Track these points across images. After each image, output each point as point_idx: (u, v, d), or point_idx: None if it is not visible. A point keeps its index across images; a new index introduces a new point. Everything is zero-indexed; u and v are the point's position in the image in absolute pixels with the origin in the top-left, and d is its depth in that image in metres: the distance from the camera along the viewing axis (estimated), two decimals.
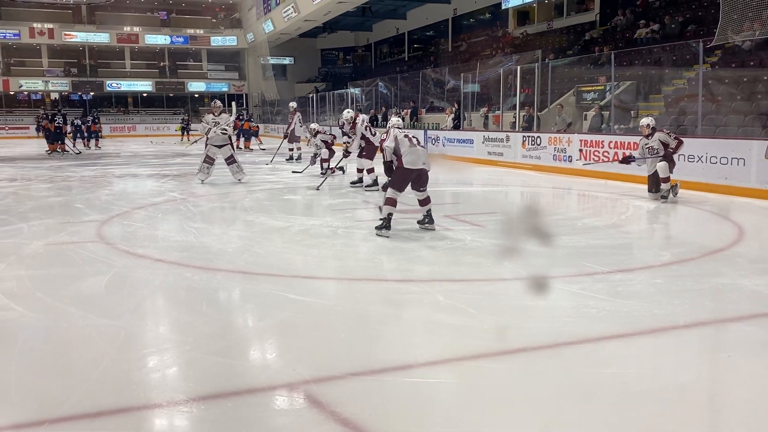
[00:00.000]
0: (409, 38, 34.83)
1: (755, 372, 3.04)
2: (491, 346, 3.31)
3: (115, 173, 13.33)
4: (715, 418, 2.62)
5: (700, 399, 2.77)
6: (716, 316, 3.80)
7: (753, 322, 3.71)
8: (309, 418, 2.53)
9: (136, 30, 38.85)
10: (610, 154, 11.27)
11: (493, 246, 5.71)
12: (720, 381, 2.95)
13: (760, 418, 2.58)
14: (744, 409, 2.66)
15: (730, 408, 2.69)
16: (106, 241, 5.89)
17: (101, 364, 3.04)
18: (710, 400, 2.78)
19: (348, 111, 10.53)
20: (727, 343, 3.40)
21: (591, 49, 17.55)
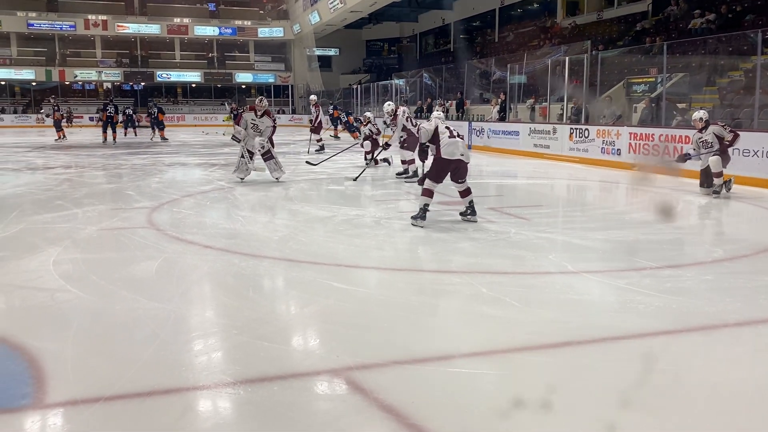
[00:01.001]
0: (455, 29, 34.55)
1: None
2: (535, 339, 3.28)
3: (165, 162, 13.65)
4: (760, 415, 2.54)
5: (752, 397, 2.70)
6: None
7: None
8: (352, 404, 2.56)
9: (185, 21, 39.62)
10: (660, 147, 10.99)
11: (538, 239, 5.65)
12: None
13: None
14: None
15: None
16: (156, 228, 6.06)
17: (152, 346, 3.14)
18: (763, 398, 2.70)
19: (389, 103, 10.58)
20: None
21: (642, 40, 17.12)
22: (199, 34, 40.16)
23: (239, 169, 9.35)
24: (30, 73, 38.01)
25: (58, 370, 2.85)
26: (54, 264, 4.66)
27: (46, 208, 7.24)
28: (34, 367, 2.90)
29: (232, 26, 40.25)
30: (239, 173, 9.37)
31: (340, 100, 31.86)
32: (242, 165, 9.31)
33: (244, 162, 9.30)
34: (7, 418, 2.46)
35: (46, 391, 2.66)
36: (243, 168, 9.32)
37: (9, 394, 2.64)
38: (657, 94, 13.32)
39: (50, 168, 12.19)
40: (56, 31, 38.12)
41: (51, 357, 2.98)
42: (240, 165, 9.32)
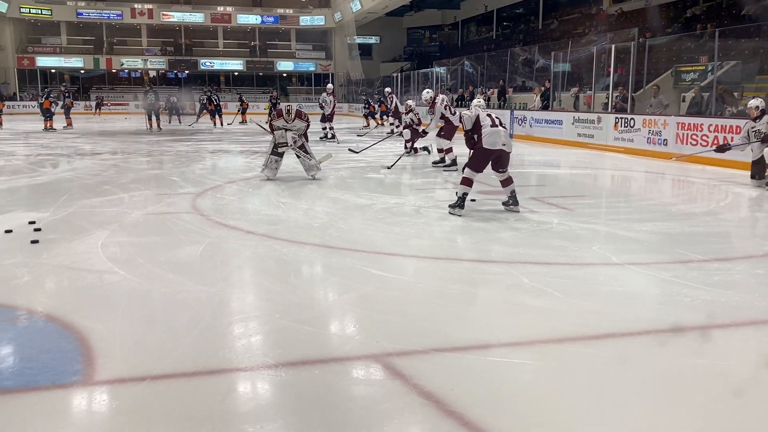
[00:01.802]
0: (498, 16, 34.12)
1: None
2: (577, 330, 3.23)
3: (208, 149, 13.87)
4: None
5: None
6: None
7: None
8: (392, 389, 2.57)
9: (228, 10, 40.06)
10: (709, 138, 10.67)
11: (581, 230, 5.56)
12: None
13: None
14: None
15: None
16: (200, 213, 6.17)
17: (196, 328, 3.20)
18: None
19: (427, 91, 10.55)
20: None
21: (693, 27, 16.62)
22: (242, 23, 40.56)
23: (268, 167, 8.46)
24: (79, 61, 39.00)
25: (106, 349, 2.93)
26: (102, 246, 4.79)
27: (94, 192, 7.44)
28: (84, 345, 2.99)
29: (274, 14, 40.52)
30: (268, 171, 8.46)
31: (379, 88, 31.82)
32: (271, 163, 8.45)
33: (274, 160, 8.44)
34: (59, 393, 2.55)
35: (95, 368, 2.74)
36: (272, 166, 8.46)
37: (60, 370, 2.73)
38: (707, 83, 12.92)
39: (97, 154, 12.51)
40: (104, 20, 39.01)
41: (99, 336, 3.07)
42: (269, 163, 8.46)
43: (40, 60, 38.40)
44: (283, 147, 8.32)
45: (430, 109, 10.15)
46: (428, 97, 10.24)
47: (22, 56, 37.88)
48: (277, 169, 8.48)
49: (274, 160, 8.44)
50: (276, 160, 8.43)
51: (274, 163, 8.43)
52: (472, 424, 2.28)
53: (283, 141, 8.24)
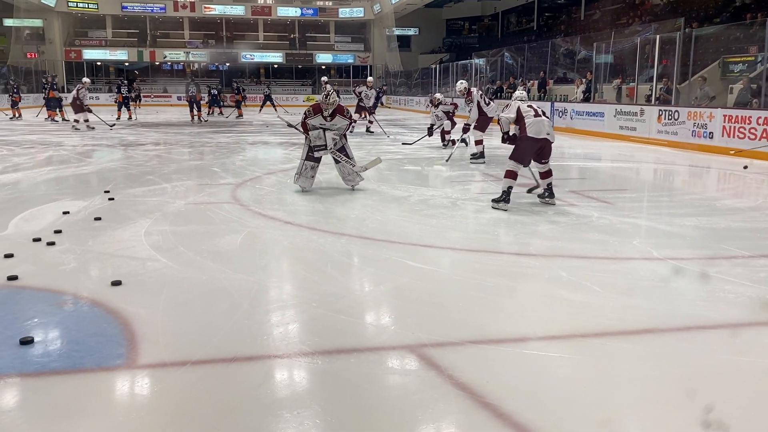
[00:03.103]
0: (539, 7, 33.60)
1: None
2: (616, 325, 3.19)
3: (248, 140, 14.05)
4: None
5: None
6: None
7: None
8: (427, 379, 2.58)
9: (269, 2, 40.39)
10: (757, 131, 10.35)
11: (622, 224, 5.47)
12: None
13: None
14: None
15: None
16: (240, 203, 6.26)
17: (235, 315, 3.26)
18: None
19: (461, 82, 10.43)
20: None
21: (742, 16, 16.09)
22: (282, 15, 40.85)
23: (302, 176, 6.92)
24: (123, 54, 39.86)
25: (148, 334, 3.02)
26: (145, 235, 4.92)
27: (138, 182, 7.63)
28: (127, 330, 3.07)
29: (314, 7, 40.70)
30: (302, 181, 6.93)
31: (418, 80, 31.71)
32: (306, 171, 6.92)
33: (309, 167, 6.92)
34: (103, 375, 2.63)
35: (138, 352, 2.82)
36: (308, 174, 6.93)
37: (105, 354, 2.81)
38: (757, 74, 12.51)
39: (141, 145, 12.79)
40: (147, 13, 39.77)
41: (142, 321, 3.16)
42: (303, 170, 6.91)
43: (87, 53, 39.37)
44: (321, 150, 6.85)
45: (467, 99, 10.05)
46: (462, 88, 10.15)
47: (69, 49, 38.90)
48: (314, 177, 7.01)
49: (310, 167, 6.92)
50: (312, 166, 6.94)
51: (309, 170, 6.93)
52: (506, 416, 2.28)
53: (320, 143, 6.80)
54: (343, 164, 7.02)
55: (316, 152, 6.85)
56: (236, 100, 23.68)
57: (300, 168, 6.98)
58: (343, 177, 7.13)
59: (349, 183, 7.15)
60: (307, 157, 6.92)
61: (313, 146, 6.82)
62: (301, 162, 7.01)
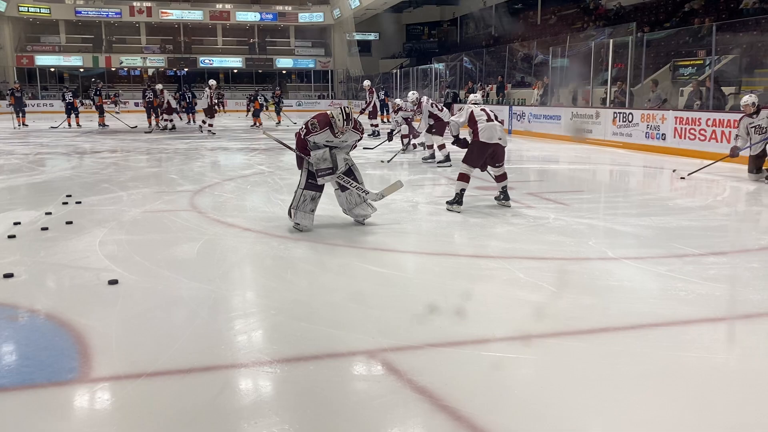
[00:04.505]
0: (497, 11, 34.00)
1: None
2: (572, 325, 3.25)
3: (207, 146, 13.87)
4: None
5: None
6: None
7: None
8: (387, 385, 2.58)
9: (227, 7, 40.00)
10: (707, 132, 10.68)
11: (578, 225, 5.57)
12: None
13: None
14: None
15: None
16: (198, 210, 6.18)
17: (192, 325, 3.22)
18: None
19: (413, 93, 10.83)
20: None
21: (690, 21, 16.59)
22: (241, 20, 40.49)
23: (300, 210, 5.22)
24: (78, 60, 38.93)
25: (102, 346, 2.95)
26: (100, 244, 4.81)
27: (93, 190, 7.46)
28: (81, 342, 3.00)
29: (273, 11, 40.45)
30: (301, 217, 5.23)
31: (379, 85, 31.77)
32: (304, 203, 5.22)
33: (309, 198, 5.23)
34: (55, 391, 2.56)
35: (91, 366, 2.76)
36: (307, 208, 5.24)
37: (57, 368, 2.74)
38: (705, 77, 12.91)
39: (97, 152, 12.52)
40: (103, 18, 38.95)
41: (96, 334, 3.09)
42: (301, 203, 5.21)
43: (39, 59, 38.31)
44: (327, 176, 5.20)
45: (418, 110, 10.33)
46: (414, 98, 10.49)
47: (21, 55, 37.82)
48: (314, 211, 5.30)
49: (310, 198, 5.22)
50: (313, 197, 5.24)
51: (309, 202, 5.23)
52: (464, 419, 2.30)
53: (325, 166, 5.17)
54: (350, 191, 5.36)
55: (320, 178, 5.18)
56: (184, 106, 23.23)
57: (297, 200, 5.22)
58: (349, 208, 5.44)
59: (357, 216, 5.48)
60: (307, 185, 5.21)
61: (317, 170, 5.17)
62: (298, 193, 5.23)
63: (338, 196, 5.47)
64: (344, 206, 5.48)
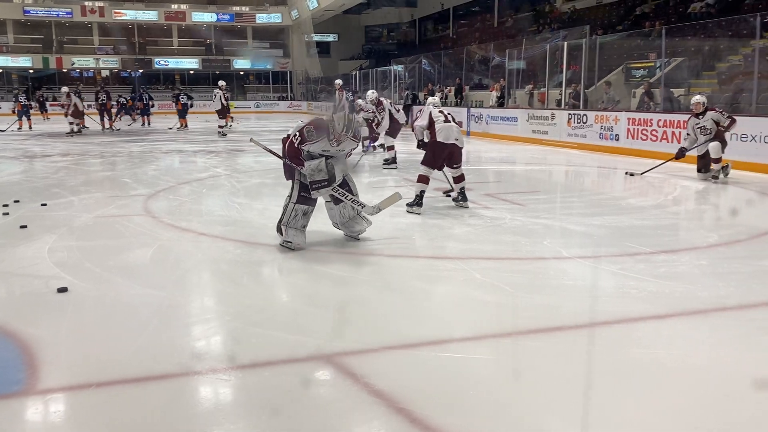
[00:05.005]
0: (455, 14, 34.35)
1: None
2: (527, 324, 3.29)
3: (162, 149, 13.63)
4: (751, 400, 2.55)
5: (742, 381, 2.71)
6: (762, 299, 3.69)
7: None
8: (343, 389, 2.57)
9: (183, 8, 39.37)
10: (658, 133, 10.97)
11: (534, 225, 5.65)
12: (760, 363, 2.87)
13: None
14: None
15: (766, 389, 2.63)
16: (152, 215, 6.06)
17: (145, 332, 3.15)
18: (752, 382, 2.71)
19: (372, 92, 10.77)
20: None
21: (642, 25, 17.03)
22: (197, 21, 39.89)
23: (290, 227, 4.72)
24: (27, 61, 37.76)
25: (51, 357, 2.86)
26: (49, 251, 4.67)
27: (43, 195, 7.23)
28: (27, 353, 2.91)
29: (230, 12, 39.98)
30: (293, 234, 4.71)
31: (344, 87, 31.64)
32: (295, 219, 4.72)
33: (300, 213, 4.73)
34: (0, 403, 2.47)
35: (38, 377, 2.67)
36: (298, 224, 4.74)
37: (1, 380, 2.65)
38: (656, 79, 13.27)
39: (47, 156, 12.17)
40: (53, 18, 37.87)
41: (44, 343, 3.00)
42: (291, 218, 4.71)
43: None
44: (322, 188, 4.67)
45: (380, 108, 10.31)
46: (373, 98, 10.45)
47: None
48: (305, 227, 4.80)
49: (302, 213, 4.73)
50: (305, 212, 4.75)
51: (300, 218, 4.73)
52: (420, 421, 2.30)
53: (320, 178, 4.64)
54: (344, 204, 4.88)
55: (314, 191, 4.67)
56: (140, 107, 22.78)
57: (288, 215, 4.70)
58: (342, 222, 4.97)
59: (352, 231, 5.01)
60: (299, 198, 4.71)
61: (311, 183, 4.64)
62: (289, 207, 4.71)
63: (330, 209, 4.96)
64: (336, 220, 4.99)
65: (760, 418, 2.38)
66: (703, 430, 2.30)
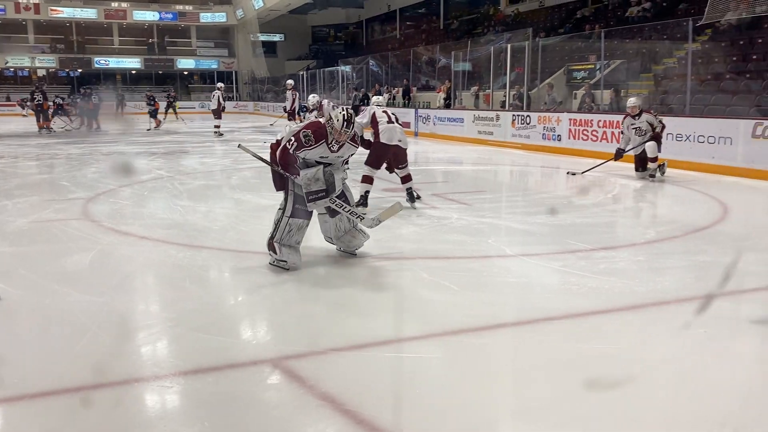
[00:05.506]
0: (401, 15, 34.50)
1: (729, 346, 3.10)
2: (472, 322, 3.33)
3: (103, 151, 13.23)
4: (688, 390, 2.65)
5: (677, 372, 2.81)
6: (696, 293, 3.84)
7: (731, 298, 3.76)
8: (288, 393, 2.55)
9: (123, 6, 38.30)
10: (598, 133, 11.29)
11: (479, 224, 5.73)
12: (695, 355, 2.99)
13: (730, 389, 2.63)
14: (715, 380, 2.71)
15: (703, 380, 2.73)
16: (91, 219, 5.87)
17: (83, 341, 3.04)
18: (686, 374, 2.81)
19: (313, 95, 10.84)
20: (705, 319, 3.43)
21: (582, 28, 17.48)
22: (138, 19, 38.86)
23: (283, 245, 4.23)
24: None
25: None
26: None
27: None
28: None
29: (173, 11, 39.12)
30: (287, 252, 4.21)
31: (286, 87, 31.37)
32: (290, 234, 4.25)
33: (296, 228, 4.26)
34: None
35: None
36: (292, 240, 4.27)
37: None
38: (596, 81, 13.64)
39: None
40: None
41: None
42: (285, 234, 4.23)
43: None
44: (320, 200, 4.16)
45: (319, 113, 10.33)
46: (315, 101, 10.47)
47: None
48: (300, 243, 4.32)
49: (296, 228, 4.26)
50: (300, 226, 4.27)
51: (295, 233, 4.26)
52: (366, 422, 2.30)
53: (318, 188, 4.12)
54: (341, 217, 4.39)
55: (311, 203, 4.17)
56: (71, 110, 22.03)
57: (281, 231, 4.21)
58: (337, 236, 4.52)
59: (348, 246, 4.56)
60: (294, 211, 4.24)
61: (308, 194, 4.14)
62: (283, 222, 4.22)
63: (324, 222, 4.47)
64: (330, 234, 4.53)
65: (697, 408, 2.47)
66: (643, 421, 2.37)
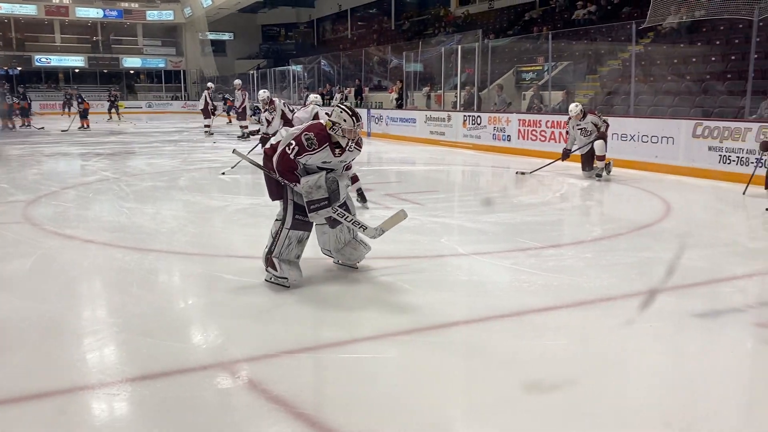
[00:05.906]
0: (352, 15, 34.50)
1: (675, 340, 3.20)
2: (425, 321, 3.35)
3: (45, 152, 12.78)
4: (634, 383, 2.73)
5: (623, 366, 2.89)
6: (641, 289, 3.94)
7: (675, 293, 3.89)
8: (240, 397, 2.50)
9: (66, 2, 37.05)
10: (547, 133, 11.51)
11: (432, 223, 5.77)
12: (641, 349, 3.07)
13: (678, 383, 2.71)
14: (662, 373, 2.79)
15: (650, 374, 2.81)
16: (32, 222, 5.66)
17: (24, 349, 2.93)
18: (631, 367, 2.89)
19: (264, 91, 10.66)
20: (650, 314, 3.54)
21: (530, 30, 17.81)
22: (81, 16, 37.65)
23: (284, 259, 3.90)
24: None
25: None
26: None
27: None
28: None
29: (118, 8, 38.07)
30: (287, 268, 3.86)
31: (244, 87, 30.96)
32: (289, 248, 3.90)
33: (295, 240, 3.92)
34: None
35: None
36: (292, 254, 3.93)
37: None
38: (544, 82, 13.92)
39: None
40: None
41: None
42: (285, 247, 3.88)
43: None
44: (321, 209, 3.79)
45: (271, 106, 10.20)
46: (265, 97, 10.30)
47: None
48: (299, 257, 3.98)
49: (296, 240, 3.92)
50: (300, 239, 3.93)
51: (295, 247, 3.92)
52: (320, 424, 2.28)
53: (319, 197, 3.76)
54: (342, 227, 4.10)
55: (312, 213, 3.80)
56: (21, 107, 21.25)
57: (280, 245, 3.87)
58: (337, 248, 4.21)
59: (349, 258, 4.24)
60: (294, 223, 3.88)
61: (309, 203, 3.77)
62: (282, 234, 3.87)
63: (323, 233, 4.16)
64: (329, 246, 4.21)
65: (645, 402, 2.54)
66: (593, 415, 2.42)
